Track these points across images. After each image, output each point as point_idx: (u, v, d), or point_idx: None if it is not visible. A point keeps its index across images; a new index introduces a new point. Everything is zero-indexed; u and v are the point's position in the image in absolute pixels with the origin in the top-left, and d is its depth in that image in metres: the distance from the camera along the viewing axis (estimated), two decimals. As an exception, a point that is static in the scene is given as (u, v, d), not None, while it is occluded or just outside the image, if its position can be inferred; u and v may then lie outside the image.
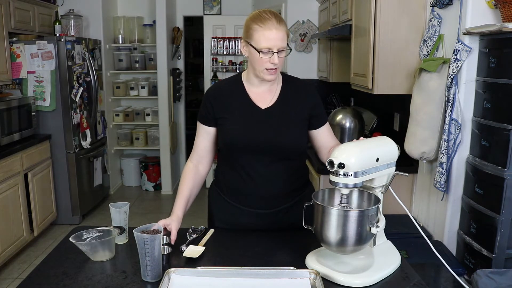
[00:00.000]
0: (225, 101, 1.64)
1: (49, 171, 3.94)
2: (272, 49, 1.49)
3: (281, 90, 1.65)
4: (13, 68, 3.87)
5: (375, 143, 1.37)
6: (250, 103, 1.62)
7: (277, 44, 1.49)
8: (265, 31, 1.49)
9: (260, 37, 1.49)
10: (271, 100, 1.63)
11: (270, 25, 1.49)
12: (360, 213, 1.25)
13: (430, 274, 1.96)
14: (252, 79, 1.62)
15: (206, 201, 1.82)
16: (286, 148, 1.60)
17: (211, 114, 1.64)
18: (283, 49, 1.51)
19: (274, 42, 1.49)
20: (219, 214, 1.74)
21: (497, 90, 1.84)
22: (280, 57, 1.52)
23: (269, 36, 1.49)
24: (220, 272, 1.29)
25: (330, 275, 1.29)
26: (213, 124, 1.66)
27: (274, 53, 1.50)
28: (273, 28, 1.49)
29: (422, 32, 2.38)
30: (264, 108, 1.61)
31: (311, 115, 1.64)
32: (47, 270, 1.36)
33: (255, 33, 1.51)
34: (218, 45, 5.20)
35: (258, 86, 1.63)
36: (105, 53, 4.91)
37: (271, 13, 1.53)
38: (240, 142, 1.59)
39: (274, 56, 1.50)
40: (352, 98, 4.25)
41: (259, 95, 1.63)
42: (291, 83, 1.68)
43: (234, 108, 1.62)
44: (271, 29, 1.49)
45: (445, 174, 2.09)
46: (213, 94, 1.66)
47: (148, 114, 5.32)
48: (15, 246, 3.36)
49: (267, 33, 1.49)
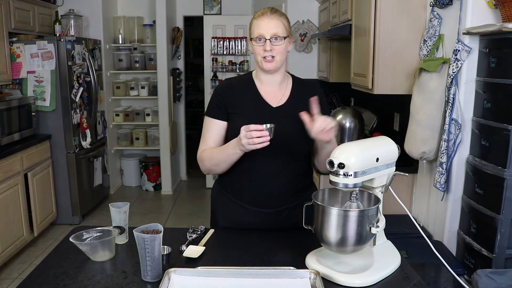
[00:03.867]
0: (237, 97, 1.65)
1: (49, 171, 3.94)
2: (263, 36, 1.55)
3: (291, 90, 1.68)
4: (13, 68, 3.87)
5: (375, 143, 1.37)
6: (262, 100, 1.64)
7: (268, 31, 1.55)
8: (257, 20, 1.59)
9: (253, 27, 1.59)
10: (282, 99, 1.65)
11: (262, 16, 1.58)
12: (360, 213, 1.25)
13: (430, 274, 1.96)
14: (259, 75, 1.66)
15: (206, 201, 1.82)
16: (295, 147, 1.62)
17: (223, 107, 1.64)
18: (277, 37, 1.55)
19: (265, 30, 1.55)
20: (222, 213, 1.74)
21: (497, 90, 1.84)
22: (275, 45, 1.55)
23: (260, 25, 1.57)
24: (220, 272, 1.29)
25: (330, 275, 1.29)
26: (224, 118, 1.65)
27: (266, 40, 1.55)
28: (265, 17, 1.57)
29: (422, 32, 2.38)
30: (275, 107, 1.64)
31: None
32: (47, 270, 1.35)
33: (251, 26, 1.61)
34: (218, 45, 5.20)
35: (268, 84, 1.65)
36: (105, 53, 4.91)
37: (268, 7, 1.61)
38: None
39: (267, 43, 1.55)
40: (352, 98, 4.25)
41: (270, 93, 1.65)
42: (301, 84, 1.72)
43: (245, 104, 1.64)
44: (263, 18, 1.57)
45: (445, 174, 2.09)
46: (225, 87, 1.68)
47: (148, 114, 5.32)
48: (15, 246, 3.36)
49: (259, 22, 1.58)
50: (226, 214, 1.72)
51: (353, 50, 2.86)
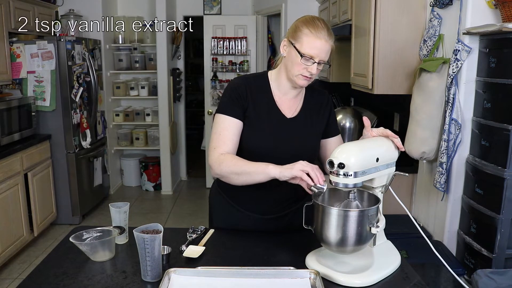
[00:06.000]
0: (252, 100, 1.55)
1: (49, 171, 3.94)
2: (314, 58, 1.45)
3: (304, 99, 1.63)
4: (13, 68, 3.87)
5: (375, 143, 1.37)
6: (276, 109, 1.58)
7: (320, 55, 1.46)
8: (314, 38, 1.45)
9: (308, 42, 1.45)
10: (296, 109, 1.60)
11: (321, 34, 1.45)
12: (360, 213, 1.25)
13: (430, 274, 1.96)
14: (282, 81, 1.57)
15: (206, 201, 1.81)
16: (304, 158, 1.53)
17: (243, 105, 1.53)
18: (323, 62, 1.48)
19: (319, 52, 1.45)
20: (221, 217, 1.73)
21: (497, 90, 1.84)
22: (318, 68, 1.48)
23: (316, 45, 1.45)
24: (220, 272, 1.29)
25: (330, 275, 1.29)
26: (242, 117, 1.54)
27: (314, 63, 1.46)
28: (323, 38, 1.45)
29: (422, 32, 2.38)
30: (290, 118, 1.59)
31: (328, 123, 1.65)
32: (47, 270, 1.35)
33: (304, 36, 1.46)
34: (218, 45, 5.20)
35: (286, 93, 1.58)
36: (105, 53, 4.91)
37: (324, 23, 1.49)
38: (263, 149, 1.54)
39: (314, 65, 1.46)
40: (352, 98, 4.25)
41: (285, 102, 1.59)
42: (313, 92, 1.66)
43: (260, 111, 1.56)
44: (320, 39, 1.45)
45: (445, 174, 2.09)
46: (244, 84, 1.56)
47: (148, 114, 5.32)
48: (15, 246, 3.36)
49: (316, 41, 1.45)
50: (225, 218, 1.71)
51: (353, 50, 2.86)
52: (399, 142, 1.38)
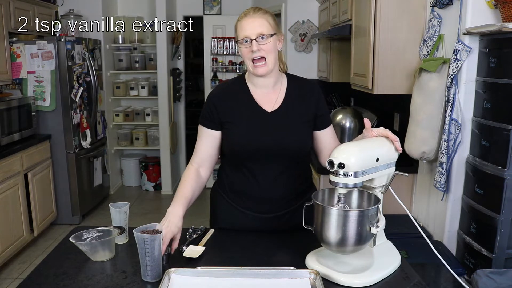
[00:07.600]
0: (231, 104, 1.59)
1: (49, 171, 3.94)
2: (248, 37, 1.49)
3: (286, 90, 1.61)
4: (13, 68, 3.87)
5: (375, 143, 1.37)
6: (256, 106, 1.58)
7: (253, 32, 1.48)
8: (241, 21, 1.52)
9: (238, 29, 1.53)
10: (276, 102, 1.59)
11: (245, 16, 1.52)
12: (360, 213, 1.25)
13: (430, 274, 1.96)
14: (252, 78, 1.59)
15: (206, 201, 1.81)
16: (292, 151, 1.58)
17: (216, 118, 1.59)
18: (263, 36, 1.48)
19: (249, 30, 1.49)
20: (222, 216, 1.73)
21: (497, 90, 1.84)
22: (262, 44, 1.48)
23: (243, 25, 1.50)
24: (220, 272, 1.29)
25: (330, 275, 1.29)
26: (218, 128, 1.60)
27: (252, 41, 1.48)
28: (248, 17, 1.51)
29: (422, 32, 2.38)
30: (271, 112, 1.58)
31: (316, 115, 1.62)
32: (47, 270, 1.36)
33: (236, 29, 1.54)
34: (218, 45, 5.20)
35: (261, 87, 1.59)
36: (105, 53, 4.91)
37: (251, 7, 1.55)
38: (247, 148, 1.56)
39: (253, 43, 1.48)
40: (352, 98, 4.25)
41: (264, 96, 1.59)
42: (296, 82, 1.64)
43: (240, 112, 1.58)
44: (246, 19, 1.51)
45: (445, 174, 2.09)
46: (217, 96, 1.61)
47: (148, 114, 5.32)
48: (15, 246, 3.36)
49: (242, 22, 1.51)
50: (226, 218, 1.71)
51: (353, 50, 2.86)
52: (398, 144, 1.39)
